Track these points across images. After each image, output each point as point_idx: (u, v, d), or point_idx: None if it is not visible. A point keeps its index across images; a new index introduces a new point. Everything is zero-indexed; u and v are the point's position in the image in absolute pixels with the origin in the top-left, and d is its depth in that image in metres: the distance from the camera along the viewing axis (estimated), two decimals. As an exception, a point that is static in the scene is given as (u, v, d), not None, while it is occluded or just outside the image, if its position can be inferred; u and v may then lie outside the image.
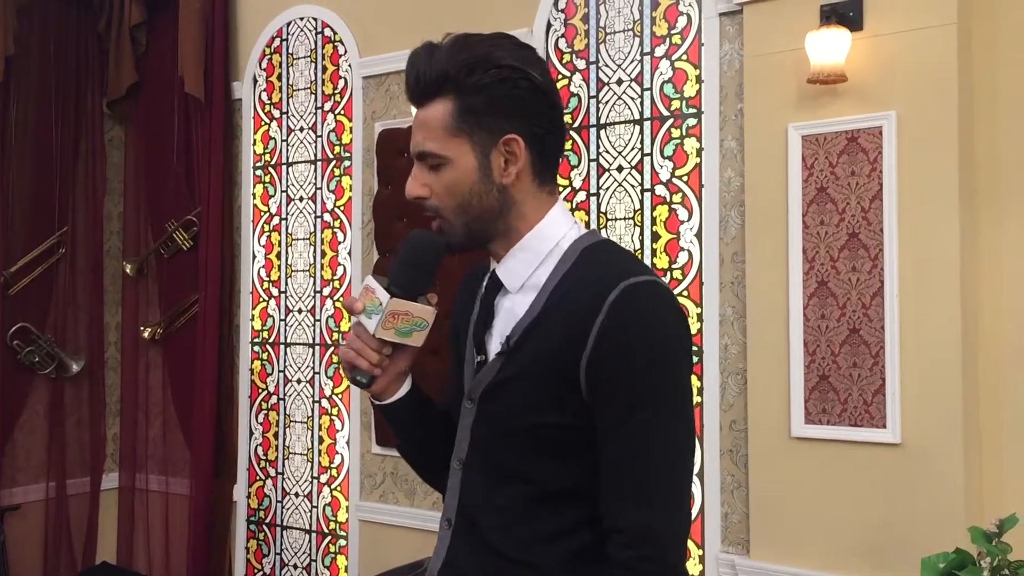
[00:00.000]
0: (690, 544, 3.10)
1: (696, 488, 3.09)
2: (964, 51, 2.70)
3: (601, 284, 1.30)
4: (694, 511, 3.10)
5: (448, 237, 1.41)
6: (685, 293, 3.13)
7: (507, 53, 1.37)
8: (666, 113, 3.19)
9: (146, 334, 4.52)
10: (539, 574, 1.36)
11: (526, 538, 1.37)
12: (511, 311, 1.40)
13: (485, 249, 1.44)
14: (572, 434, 1.33)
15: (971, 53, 2.74)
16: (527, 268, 1.39)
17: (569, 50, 3.39)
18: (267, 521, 4.18)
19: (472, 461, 1.43)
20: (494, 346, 1.41)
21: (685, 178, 3.15)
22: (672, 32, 3.19)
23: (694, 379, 3.08)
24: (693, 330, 3.11)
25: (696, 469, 3.08)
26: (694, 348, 3.10)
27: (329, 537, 3.99)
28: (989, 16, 2.76)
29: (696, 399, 3.10)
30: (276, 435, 4.16)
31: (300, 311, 4.10)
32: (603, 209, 3.29)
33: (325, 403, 4.00)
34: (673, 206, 3.17)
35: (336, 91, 4.01)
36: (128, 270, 4.59)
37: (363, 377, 1.41)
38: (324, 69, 4.05)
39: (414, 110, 1.44)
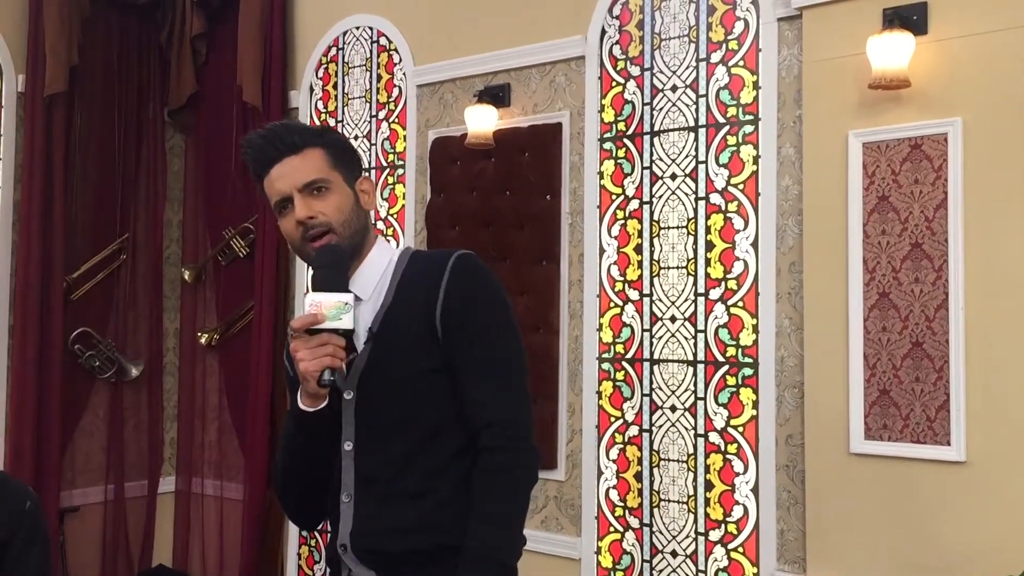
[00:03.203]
0: (744, 561, 3.03)
1: (750, 503, 3.02)
2: (1034, 55, 2.60)
3: (439, 259, 1.73)
4: (748, 526, 3.02)
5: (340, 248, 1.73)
6: (740, 303, 3.06)
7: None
8: (722, 120, 3.12)
9: (203, 340, 4.57)
10: (440, 500, 1.69)
11: (421, 474, 1.69)
12: (368, 311, 1.74)
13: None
14: (439, 376, 1.70)
15: (1042, 57, 2.64)
16: (374, 278, 1.75)
17: (623, 56, 3.35)
18: (319, 528, 4.18)
19: (361, 438, 1.73)
20: (360, 342, 1.73)
21: (741, 186, 3.08)
22: (729, 38, 3.13)
23: (749, 392, 3.02)
24: (748, 341, 3.04)
25: (751, 484, 3.01)
26: (749, 360, 3.03)
27: (380, 545, 3.97)
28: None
29: (751, 412, 3.03)
30: (328, 442, 4.16)
31: (353, 319, 4.09)
32: (656, 218, 3.24)
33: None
34: (728, 215, 3.10)
35: (391, 99, 4.01)
36: (186, 277, 4.65)
37: (333, 376, 1.62)
38: (379, 78, 4.06)
39: (276, 171, 1.75)
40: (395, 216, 3.97)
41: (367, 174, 1.87)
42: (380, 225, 4.01)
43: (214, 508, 4.58)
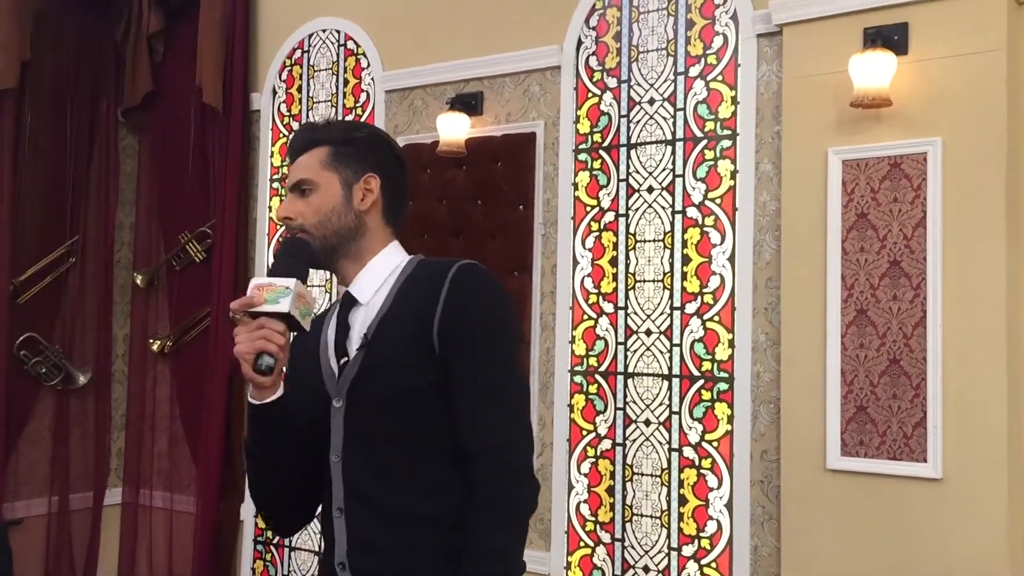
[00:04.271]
0: (716, 575, 3.03)
1: (724, 518, 3.01)
2: (1013, 78, 2.64)
3: (440, 269, 1.66)
4: (722, 541, 3.02)
5: (312, 244, 1.69)
6: (716, 318, 3.06)
7: (375, 128, 1.87)
8: (699, 134, 3.12)
9: (155, 347, 4.43)
10: (435, 522, 1.61)
11: (419, 493, 1.62)
12: (365, 317, 1.69)
13: (333, 269, 1.73)
14: (434, 391, 1.62)
15: (1019, 80, 2.68)
16: (375, 283, 1.70)
17: (600, 68, 3.33)
18: (275, 541, 4.08)
19: (350, 449, 1.65)
20: (354, 347, 1.67)
21: (718, 201, 3.08)
22: (707, 52, 3.13)
23: (724, 407, 3.01)
24: (724, 356, 3.04)
25: (725, 499, 3.00)
26: (724, 374, 3.03)
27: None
28: (1036, 43, 2.71)
29: (726, 427, 3.02)
30: (286, 453, 4.06)
31: (315, 327, 4.01)
32: (632, 230, 3.22)
33: (338, 422, 3.91)
34: (705, 229, 3.10)
35: (358, 104, 3.94)
36: (139, 281, 4.51)
37: (269, 362, 1.55)
38: (346, 82, 3.99)
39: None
40: (361, 223, 3.89)
41: (377, 174, 1.74)
42: (345, 232, 3.93)
43: (163, 521, 4.44)
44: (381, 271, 1.72)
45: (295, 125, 4.11)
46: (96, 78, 4.44)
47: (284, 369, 1.63)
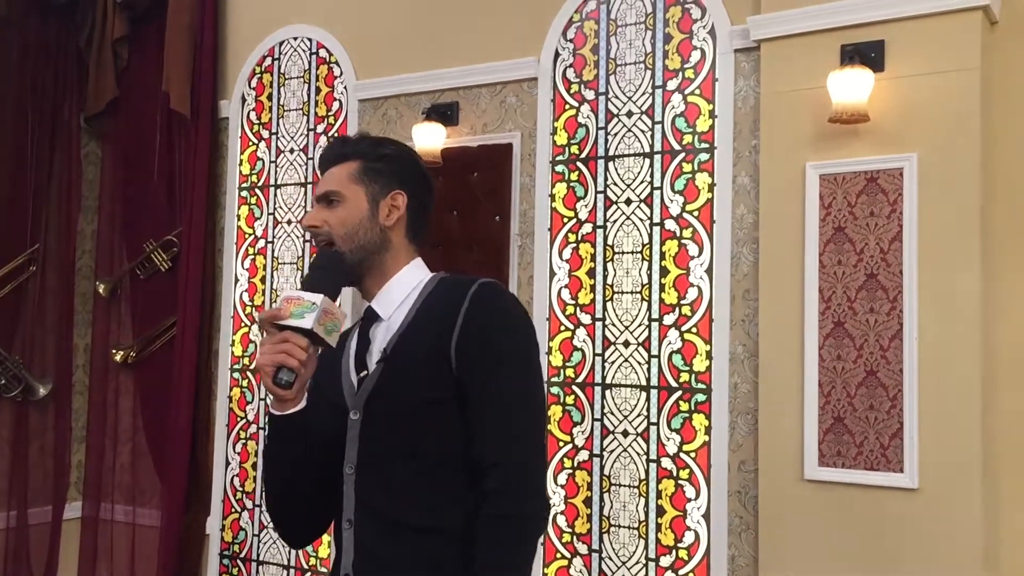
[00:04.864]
0: (695, 587, 3.04)
1: (702, 529, 3.03)
2: (987, 96, 2.70)
3: (461, 287, 1.67)
4: (699, 552, 3.03)
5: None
6: (694, 329, 3.08)
7: (405, 145, 1.84)
8: (677, 147, 3.15)
9: (118, 357, 4.34)
10: (445, 537, 1.62)
11: (424, 506, 1.62)
12: (386, 332, 1.71)
13: (358, 284, 1.74)
14: (450, 407, 1.63)
15: (993, 98, 2.75)
16: (397, 299, 1.72)
17: (578, 80, 3.34)
18: (242, 555, 4.02)
19: (364, 461, 1.66)
20: (374, 361, 1.69)
21: (696, 213, 3.11)
22: (685, 66, 3.16)
23: (702, 417, 3.04)
24: (702, 367, 3.07)
25: (702, 510, 3.02)
26: (702, 385, 3.06)
27: (309, 573, 3.84)
28: (1005, 60, 2.78)
29: (703, 438, 3.05)
30: (255, 465, 4.01)
31: (285, 338, 3.96)
32: (610, 242, 3.24)
33: (309, 434, 3.86)
34: (683, 241, 3.12)
35: (330, 113, 3.91)
36: (101, 290, 4.42)
37: (289, 376, 1.55)
38: (318, 90, 3.95)
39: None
40: (333, 233, 3.86)
41: (404, 191, 1.76)
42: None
43: (125, 535, 4.35)
44: (404, 287, 1.73)
45: (265, 133, 4.07)
46: (58, 83, 4.36)
47: (308, 382, 1.63)
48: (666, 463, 3.10)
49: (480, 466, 1.61)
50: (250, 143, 4.12)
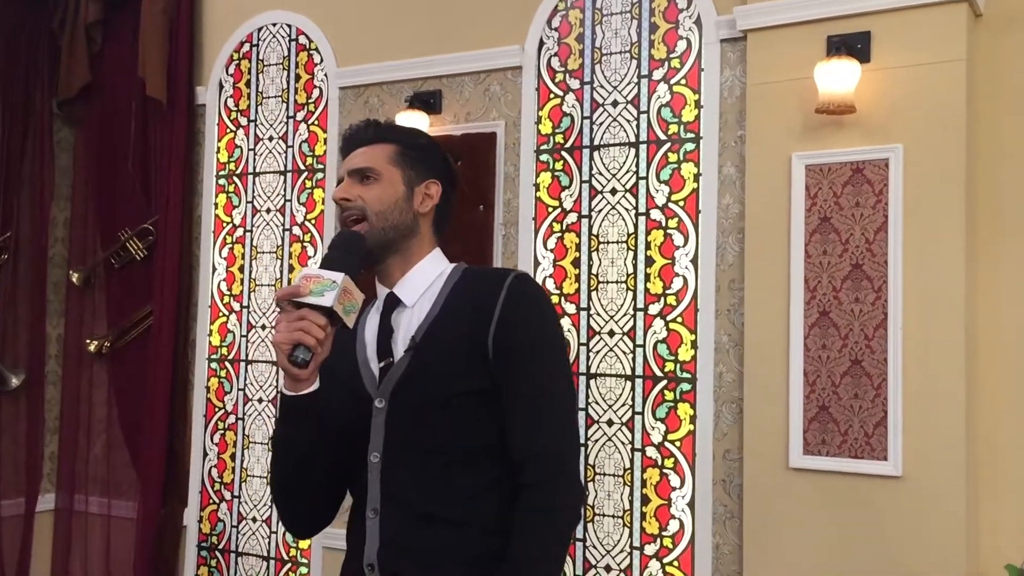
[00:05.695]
0: (679, 575, 3.05)
1: (686, 517, 3.04)
2: (972, 88, 2.73)
3: (495, 277, 1.67)
4: (684, 540, 3.05)
5: (367, 237, 1.67)
6: (679, 319, 3.09)
7: (437, 142, 1.85)
8: (663, 137, 3.15)
9: (92, 347, 4.28)
10: (475, 530, 1.61)
11: (455, 499, 1.61)
12: (411, 319, 1.68)
13: (381, 265, 1.71)
14: (483, 398, 1.61)
15: (978, 90, 2.77)
16: (421, 286, 1.70)
17: (562, 69, 3.33)
18: (220, 547, 3.99)
19: (390, 451, 1.64)
20: (400, 349, 1.66)
21: (681, 203, 3.11)
22: (671, 56, 3.16)
23: (687, 407, 3.05)
24: (687, 357, 3.08)
25: (687, 498, 3.04)
26: (687, 375, 3.07)
27: (289, 564, 3.82)
28: (989, 52, 2.81)
29: (688, 427, 3.06)
30: (233, 456, 3.97)
31: (264, 327, 3.93)
32: (595, 232, 3.23)
33: (289, 424, 3.83)
34: (668, 231, 3.13)
35: (310, 100, 3.87)
36: (74, 279, 4.35)
37: (305, 355, 1.52)
38: (297, 77, 3.91)
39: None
40: (313, 222, 3.83)
41: (439, 181, 1.77)
42: (296, 231, 3.86)
43: (100, 527, 4.29)
44: (428, 275, 1.72)
45: (243, 120, 4.02)
46: (30, 68, 4.27)
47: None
48: (651, 452, 3.11)
49: (517, 458, 1.61)
50: (228, 130, 4.07)
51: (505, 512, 1.61)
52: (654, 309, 3.13)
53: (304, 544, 3.77)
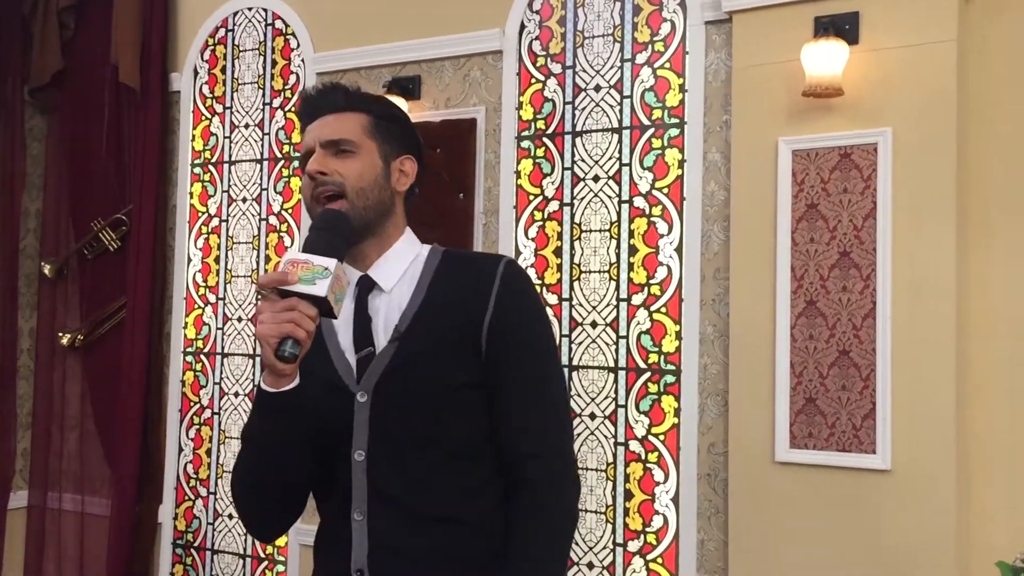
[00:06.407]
0: (664, 572, 2.97)
1: (671, 512, 2.97)
2: (962, 70, 2.65)
3: (484, 264, 1.58)
4: (668, 536, 2.97)
5: (350, 216, 1.54)
6: (663, 309, 3.00)
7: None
8: (647, 122, 3.07)
9: (64, 341, 4.17)
10: (469, 528, 1.53)
11: (447, 497, 1.52)
12: (391, 306, 1.57)
13: (358, 247, 1.56)
14: (473, 393, 1.53)
15: (968, 72, 2.70)
16: (398, 270, 1.59)
17: (544, 53, 3.25)
18: (196, 544, 3.89)
19: (375, 448, 1.52)
20: (381, 339, 1.55)
21: (665, 190, 3.03)
22: (655, 39, 3.08)
23: (671, 399, 2.97)
24: (671, 348, 3.00)
25: (671, 493, 2.96)
26: (671, 367, 2.99)
27: (266, 562, 3.73)
28: (981, 33, 2.73)
29: (672, 420, 2.98)
30: (209, 452, 3.88)
31: (240, 319, 3.83)
32: (577, 220, 3.15)
33: (265, 418, 3.74)
34: (652, 219, 3.04)
35: (287, 87, 3.77)
36: (46, 271, 4.24)
37: (294, 349, 1.39)
38: (274, 63, 3.81)
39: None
40: (290, 211, 3.73)
41: (413, 157, 1.66)
42: (273, 220, 3.77)
43: (74, 524, 4.19)
44: (404, 257, 1.61)
45: (218, 107, 3.92)
46: (1, 55, 4.16)
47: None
48: (634, 446, 3.03)
49: (516, 455, 1.54)
50: (203, 118, 3.97)
51: (499, 508, 1.54)
52: (637, 299, 3.05)
53: (281, 542, 3.68)
